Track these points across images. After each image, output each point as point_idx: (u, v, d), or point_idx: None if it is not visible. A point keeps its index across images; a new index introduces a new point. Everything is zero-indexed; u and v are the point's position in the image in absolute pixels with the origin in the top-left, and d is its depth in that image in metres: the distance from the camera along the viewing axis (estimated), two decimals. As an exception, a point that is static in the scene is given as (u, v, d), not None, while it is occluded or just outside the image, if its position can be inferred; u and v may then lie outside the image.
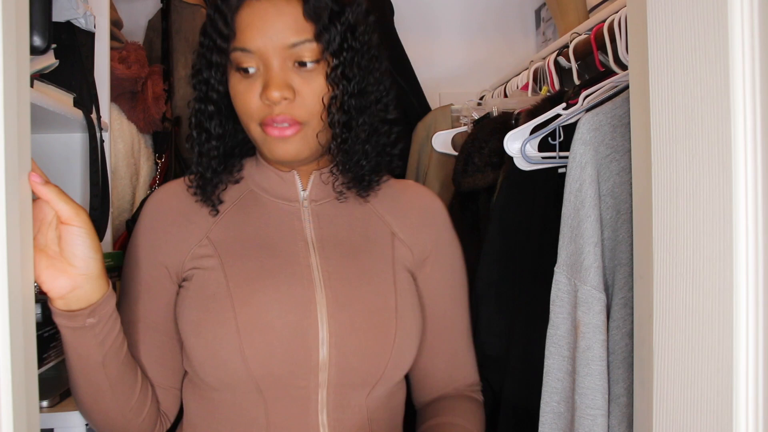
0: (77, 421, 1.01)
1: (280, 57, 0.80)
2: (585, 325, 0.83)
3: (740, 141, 0.56)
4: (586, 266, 0.82)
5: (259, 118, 0.82)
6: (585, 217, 0.82)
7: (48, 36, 1.01)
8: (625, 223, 0.83)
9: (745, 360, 0.56)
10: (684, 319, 0.60)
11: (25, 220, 0.62)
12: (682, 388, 0.60)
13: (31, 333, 0.63)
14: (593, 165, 0.82)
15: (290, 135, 0.82)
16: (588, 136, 0.83)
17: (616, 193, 0.83)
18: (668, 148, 0.61)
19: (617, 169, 0.83)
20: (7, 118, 0.57)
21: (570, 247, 0.85)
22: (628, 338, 0.81)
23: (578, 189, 0.83)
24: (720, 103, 0.57)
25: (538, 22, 2.05)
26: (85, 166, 1.35)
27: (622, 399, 0.81)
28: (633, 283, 0.80)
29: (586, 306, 0.83)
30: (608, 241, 0.84)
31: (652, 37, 0.62)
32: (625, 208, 0.83)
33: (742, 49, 0.56)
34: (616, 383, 0.82)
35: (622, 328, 0.82)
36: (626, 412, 0.80)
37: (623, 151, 0.82)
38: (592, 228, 0.82)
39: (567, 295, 0.86)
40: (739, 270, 0.56)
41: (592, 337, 0.82)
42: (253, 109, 0.82)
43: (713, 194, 0.58)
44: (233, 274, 0.83)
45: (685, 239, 0.60)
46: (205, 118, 0.88)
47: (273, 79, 0.80)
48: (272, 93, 0.79)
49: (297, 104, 0.81)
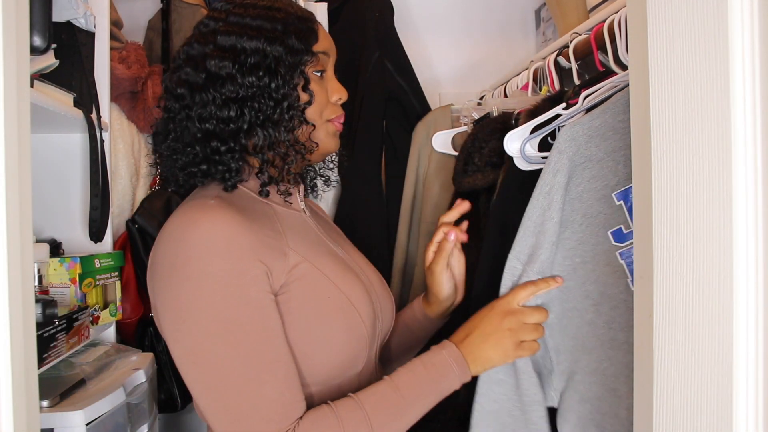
0: (77, 421, 1.01)
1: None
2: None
3: (740, 141, 0.56)
4: (542, 260, 0.92)
5: (329, 115, 0.96)
6: (549, 219, 0.91)
7: (48, 36, 1.01)
8: (590, 225, 0.91)
9: (744, 360, 0.56)
10: (684, 319, 0.60)
11: (25, 220, 0.62)
12: (681, 388, 0.60)
13: (31, 333, 0.63)
14: (565, 173, 0.90)
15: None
16: (564, 146, 0.90)
17: (584, 198, 0.91)
18: (668, 148, 0.61)
19: (588, 176, 0.90)
20: (7, 118, 0.57)
21: (530, 239, 0.93)
22: (587, 326, 0.91)
23: (548, 192, 0.91)
24: (720, 103, 0.57)
25: (538, 22, 2.06)
26: (85, 166, 1.35)
27: (576, 376, 0.93)
28: (595, 278, 0.91)
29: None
30: (570, 240, 0.92)
31: (652, 37, 0.62)
32: (590, 212, 0.91)
33: (742, 49, 0.56)
34: (574, 363, 0.93)
35: (584, 317, 0.92)
36: (576, 387, 0.93)
37: (596, 160, 0.90)
38: (553, 229, 0.91)
39: (517, 279, 0.95)
40: (739, 270, 0.56)
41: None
42: (326, 108, 0.95)
43: (713, 194, 0.58)
44: (327, 271, 0.91)
45: (684, 239, 0.60)
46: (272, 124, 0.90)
47: (340, 82, 0.97)
48: (345, 94, 0.98)
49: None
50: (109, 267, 1.34)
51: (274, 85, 0.87)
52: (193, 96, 0.88)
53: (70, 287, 1.23)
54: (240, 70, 0.86)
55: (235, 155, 0.88)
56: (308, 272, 0.88)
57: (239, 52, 0.87)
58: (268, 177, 0.91)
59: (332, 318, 0.89)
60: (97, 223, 1.29)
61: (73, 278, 1.23)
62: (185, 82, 0.89)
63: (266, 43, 0.88)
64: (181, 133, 0.90)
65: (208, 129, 0.87)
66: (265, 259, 0.83)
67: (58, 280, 1.23)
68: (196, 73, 0.88)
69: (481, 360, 0.91)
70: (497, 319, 0.92)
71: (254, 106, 0.87)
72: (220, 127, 0.87)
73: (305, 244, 0.92)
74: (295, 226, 0.94)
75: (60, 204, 1.38)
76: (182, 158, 0.91)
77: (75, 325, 1.13)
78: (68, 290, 1.23)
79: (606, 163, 0.90)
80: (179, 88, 0.89)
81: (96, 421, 1.04)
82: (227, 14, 0.91)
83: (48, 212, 1.37)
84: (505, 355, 0.92)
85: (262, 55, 0.87)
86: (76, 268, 1.24)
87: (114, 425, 1.10)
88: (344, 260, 0.98)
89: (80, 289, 1.24)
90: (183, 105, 0.89)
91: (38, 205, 1.36)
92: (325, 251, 0.95)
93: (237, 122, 0.87)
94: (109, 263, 1.34)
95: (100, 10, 1.41)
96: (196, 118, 0.88)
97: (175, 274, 0.81)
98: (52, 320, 1.06)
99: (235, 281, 0.80)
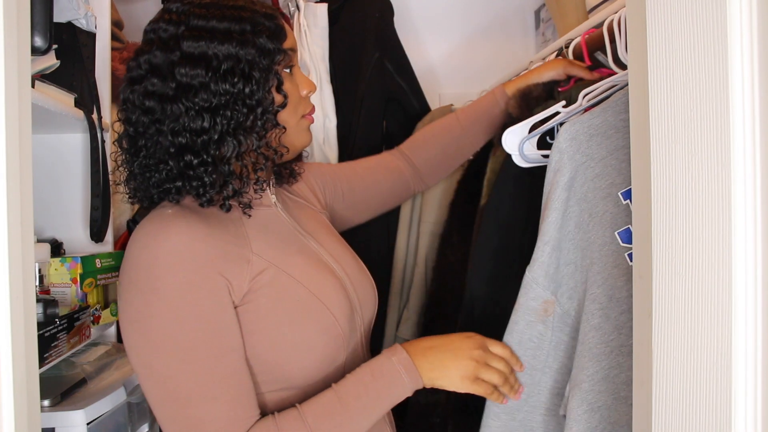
0: (78, 420, 1.01)
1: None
2: (518, 305, 0.94)
3: (739, 141, 0.56)
4: (535, 258, 0.91)
5: (303, 111, 0.95)
6: (546, 217, 0.90)
7: (49, 36, 1.02)
8: (596, 225, 0.89)
9: (743, 359, 0.56)
10: (683, 318, 0.60)
11: (26, 220, 0.62)
12: (680, 387, 0.60)
13: (32, 332, 0.63)
14: (566, 172, 0.89)
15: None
16: (564, 145, 0.89)
17: (589, 198, 0.89)
18: (667, 148, 0.61)
19: (591, 175, 0.89)
20: (9, 118, 0.57)
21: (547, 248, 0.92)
22: (594, 331, 0.88)
23: (549, 191, 0.91)
24: (719, 102, 0.57)
25: (538, 22, 2.06)
26: (86, 166, 1.36)
27: (584, 385, 0.88)
28: (602, 281, 0.88)
29: (524, 290, 0.93)
30: (581, 241, 0.90)
31: (651, 37, 0.62)
32: (596, 211, 0.89)
33: (741, 48, 0.56)
34: (581, 370, 0.89)
35: (590, 321, 0.89)
36: (585, 397, 0.88)
37: (598, 159, 0.89)
38: (552, 228, 0.90)
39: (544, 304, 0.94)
40: (738, 269, 0.56)
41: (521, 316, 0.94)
42: (299, 104, 0.94)
43: (712, 194, 0.58)
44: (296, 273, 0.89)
45: (684, 239, 0.60)
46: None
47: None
48: (313, 86, 0.96)
49: None
50: (109, 267, 1.34)
51: (248, 90, 0.84)
52: (164, 108, 0.83)
53: (71, 287, 1.24)
54: (213, 77, 0.82)
55: (208, 168, 0.84)
56: (275, 278, 0.86)
57: (210, 59, 0.82)
58: (233, 190, 0.86)
59: (304, 322, 0.87)
60: (98, 222, 1.29)
61: (74, 278, 1.24)
62: (153, 93, 0.83)
63: (238, 46, 0.83)
64: (153, 149, 0.85)
65: (181, 142, 0.83)
66: (225, 271, 0.81)
67: (59, 279, 1.23)
68: (164, 84, 0.83)
69: (438, 370, 0.89)
70: (469, 344, 0.91)
71: (227, 114, 0.83)
72: (193, 140, 0.83)
73: (273, 246, 0.89)
74: (263, 226, 0.91)
75: (61, 204, 1.39)
76: (156, 175, 0.86)
77: (76, 324, 1.13)
78: (69, 290, 1.24)
79: (609, 162, 0.88)
80: (147, 100, 0.84)
81: (97, 420, 1.04)
82: (187, 16, 0.85)
83: (49, 212, 1.38)
84: (462, 377, 0.89)
85: (235, 59, 0.83)
86: (77, 268, 1.24)
87: (115, 424, 1.10)
88: (317, 254, 0.95)
89: (81, 288, 1.24)
90: (153, 119, 0.84)
91: (39, 205, 1.36)
92: (294, 250, 0.92)
93: (209, 132, 0.83)
94: (110, 263, 1.35)
95: (101, 11, 1.41)
96: (168, 132, 0.83)
97: (132, 288, 0.80)
98: (53, 320, 1.06)
99: (188, 296, 0.79)
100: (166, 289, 0.78)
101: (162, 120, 0.83)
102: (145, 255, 0.80)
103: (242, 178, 0.88)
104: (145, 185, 0.88)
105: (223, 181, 0.85)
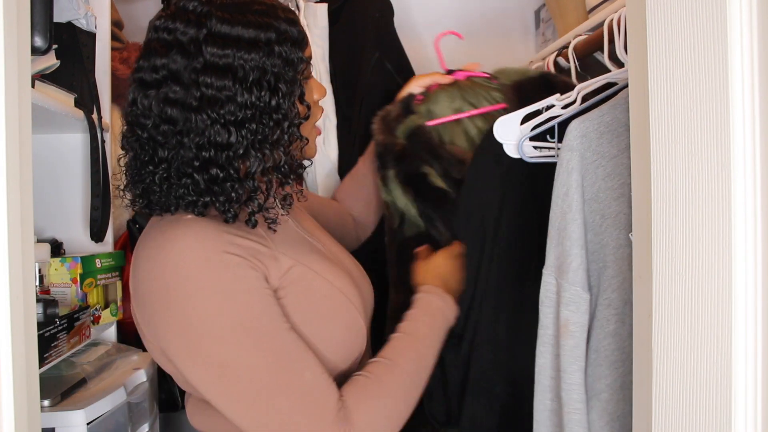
0: (78, 420, 1.01)
1: None
2: (573, 324, 0.85)
3: (739, 141, 0.56)
4: (573, 268, 0.85)
5: (315, 118, 0.94)
6: (571, 221, 0.85)
7: (49, 36, 1.02)
8: (609, 227, 0.85)
9: (743, 359, 0.56)
10: (683, 319, 0.60)
11: (26, 220, 0.62)
12: (680, 387, 0.60)
13: (32, 332, 0.63)
14: (579, 171, 0.85)
15: None
16: (575, 143, 0.85)
17: (601, 198, 0.85)
18: (667, 148, 0.61)
19: (602, 175, 0.85)
20: (9, 118, 0.57)
21: (557, 249, 0.87)
22: (611, 338, 0.84)
23: (565, 193, 0.85)
24: (719, 102, 0.57)
25: (538, 22, 2.06)
26: (86, 166, 1.36)
27: (603, 395, 0.84)
28: (617, 285, 0.83)
29: (575, 306, 0.85)
30: (593, 244, 0.86)
31: (651, 37, 0.62)
32: (609, 213, 0.85)
33: (741, 48, 0.56)
34: (598, 380, 0.85)
35: (606, 328, 0.85)
36: (606, 408, 0.84)
37: (609, 157, 0.85)
38: (578, 231, 0.84)
39: (555, 296, 0.88)
40: (738, 269, 0.56)
41: (580, 336, 0.85)
42: (315, 111, 0.93)
43: (712, 194, 0.58)
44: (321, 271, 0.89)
45: (684, 239, 0.60)
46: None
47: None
48: (324, 91, 0.95)
49: None
50: (109, 267, 1.34)
51: (275, 103, 0.80)
52: (188, 119, 0.78)
53: (71, 287, 1.24)
54: (240, 90, 0.78)
55: (234, 184, 0.80)
56: (303, 275, 0.86)
57: (236, 70, 0.78)
58: (258, 205, 0.83)
59: (332, 317, 0.88)
60: (98, 223, 1.29)
61: (74, 278, 1.24)
62: (174, 102, 0.78)
63: (264, 57, 0.79)
64: (175, 161, 0.80)
65: (205, 156, 0.78)
66: (259, 264, 0.80)
67: (59, 279, 1.24)
68: (186, 93, 0.77)
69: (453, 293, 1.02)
70: (452, 260, 1.05)
71: (251, 128, 0.79)
72: (218, 154, 0.78)
73: (292, 246, 0.89)
74: (279, 229, 0.89)
75: (61, 204, 1.39)
76: (180, 190, 0.80)
77: (76, 324, 1.13)
78: (69, 290, 1.24)
79: (621, 160, 0.84)
80: (168, 108, 0.78)
81: (97, 420, 1.04)
82: (208, 19, 0.79)
83: (49, 212, 1.38)
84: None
85: (262, 71, 0.79)
86: (77, 268, 1.24)
87: (115, 424, 1.10)
88: (326, 255, 0.96)
89: (81, 288, 1.24)
90: (175, 130, 0.78)
91: (39, 205, 1.36)
92: (308, 249, 0.92)
93: (234, 147, 0.78)
94: (110, 263, 1.35)
95: (101, 11, 1.41)
96: (193, 146, 0.78)
97: (173, 296, 0.76)
98: (53, 320, 1.06)
99: (239, 287, 0.77)
100: (217, 286, 0.76)
101: (184, 132, 0.78)
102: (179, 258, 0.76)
103: (268, 193, 0.85)
104: (166, 197, 0.82)
105: (248, 196, 0.82)
